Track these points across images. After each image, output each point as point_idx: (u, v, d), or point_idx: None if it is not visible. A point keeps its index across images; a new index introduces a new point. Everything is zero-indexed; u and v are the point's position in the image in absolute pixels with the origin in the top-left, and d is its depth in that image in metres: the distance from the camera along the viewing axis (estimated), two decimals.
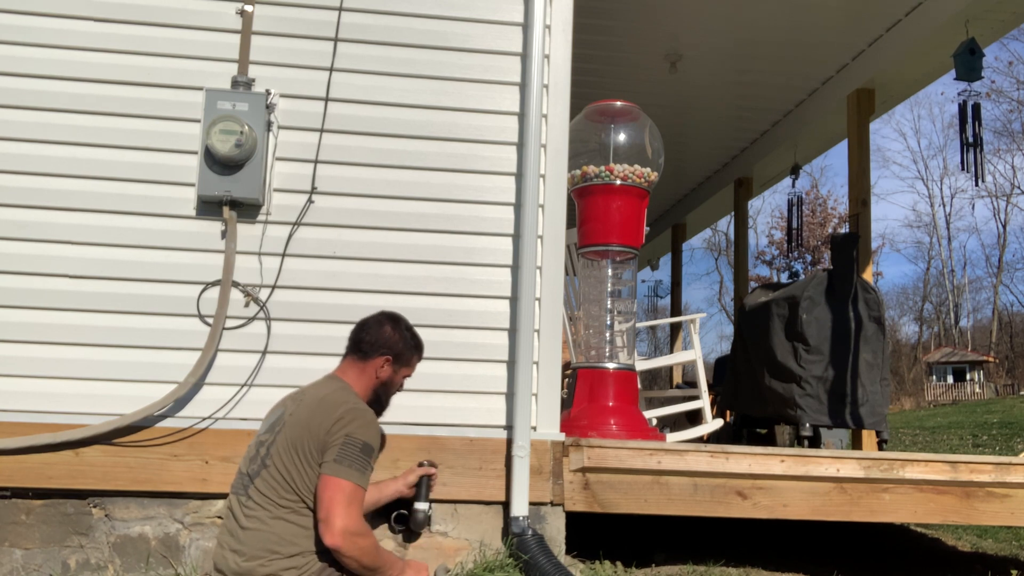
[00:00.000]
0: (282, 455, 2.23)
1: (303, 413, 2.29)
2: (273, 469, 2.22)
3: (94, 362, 3.16)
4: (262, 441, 2.33)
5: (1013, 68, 40.49)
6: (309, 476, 2.20)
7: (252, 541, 2.18)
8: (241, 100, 3.23)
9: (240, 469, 2.35)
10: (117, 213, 3.24)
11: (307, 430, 2.23)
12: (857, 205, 5.68)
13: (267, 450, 2.27)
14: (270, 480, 2.22)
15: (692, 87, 6.41)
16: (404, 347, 2.55)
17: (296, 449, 2.22)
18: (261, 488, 2.22)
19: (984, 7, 4.71)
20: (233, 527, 2.24)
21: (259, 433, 2.39)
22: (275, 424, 2.34)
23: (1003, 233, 42.69)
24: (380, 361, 2.50)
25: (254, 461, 2.29)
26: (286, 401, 2.44)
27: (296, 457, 2.21)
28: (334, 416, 2.24)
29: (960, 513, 3.51)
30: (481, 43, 3.47)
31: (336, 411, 2.26)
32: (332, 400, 2.31)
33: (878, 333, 4.69)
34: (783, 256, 29.58)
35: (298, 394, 2.44)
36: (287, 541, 2.17)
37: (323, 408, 2.27)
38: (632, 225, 4.06)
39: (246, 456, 2.36)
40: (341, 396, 2.34)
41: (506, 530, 3.18)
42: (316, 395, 2.36)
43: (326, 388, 2.40)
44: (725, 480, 3.36)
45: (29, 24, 3.28)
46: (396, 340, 2.53)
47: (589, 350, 4.12)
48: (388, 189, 3.38)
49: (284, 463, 2.22)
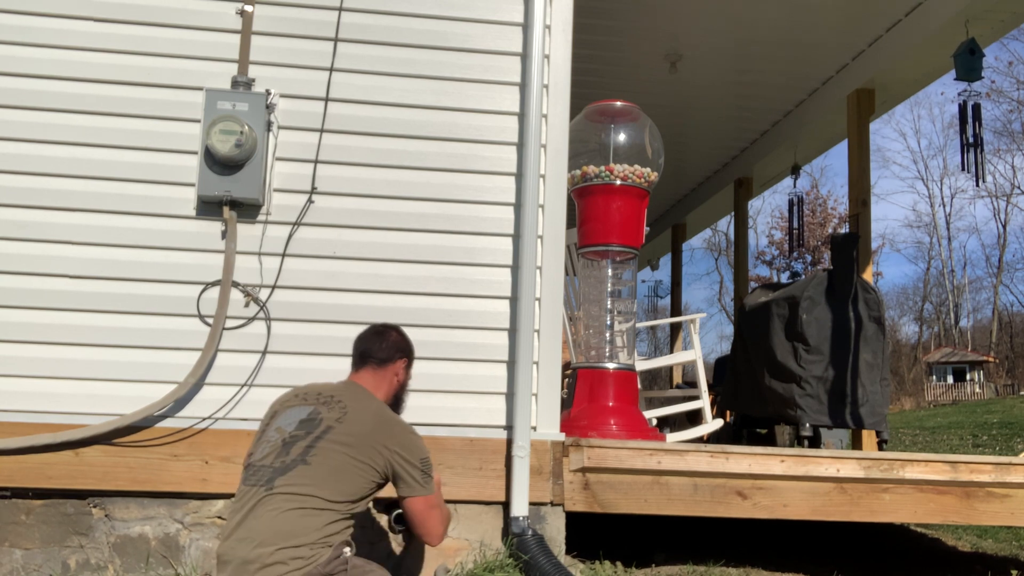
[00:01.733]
0: (334, 457, 2.28)
1: (363, 426, 2.36)
2: (319, 468, 2.26)
3: (94, 362, 3.16)
4: (296, 436, 2.33)
5: (1013, 68, 40.54)
6: (361, 482, 2.31)
7: (266, 529, 2.19)
8: (241, 100, 3.23)
9: (257, 462, 2.33)
10: (117, 213, 3.24)
11: (372, 447, 2.33)
12: (857, 205, 5.68)
13: (307, 448, 2.29)
14: (313, 476, 2.24)
15: (692, 87, 6.41)
16: (411, 350, 2.69)
17: (357, 458, 2.30)
18: (296, 481, 2.24)
19: (984, 7, 4.71)
20: (243, 517, 2.24)
21: (280, 426, 2.38)
22: (310, 423, 2.34)
23: (1003, 233, 42.71)
24: (399, 365, 2.62)
25: (283, 455, 2.29)
26: (308, 400, 2.43)
27: (354, 464, 2.30)
28: (401, 439, 2.39)
29: (960, 513, 3.51)
30: (481, 43, 3.47)
31: (399, 434, 2.41)
32: (387, 418, 2.46)
33: (878, 333, 4.69)
34: (783, 256, 29.59)
35: (324, 396, 2.43)
36: (301, 532, 2.19)
37: (385, 426, 2.41)
38: (632, 225, 4.06)
39: (263, 450, 2.34)
40: (391, 414, 2.50)
41: (506, 530, 3.18)
42: (366, 407, 2.43)
43: (369, 401, 2.47)
44: (725, 480, 3.36)
45: (29, 24, 3.28)
46: (405, 343, 2.67)
47: (589, 350, 4.12)
48: (388, 189, 3.38)
49: (337, 465, 2.27)
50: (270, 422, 2.43)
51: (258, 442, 2.40)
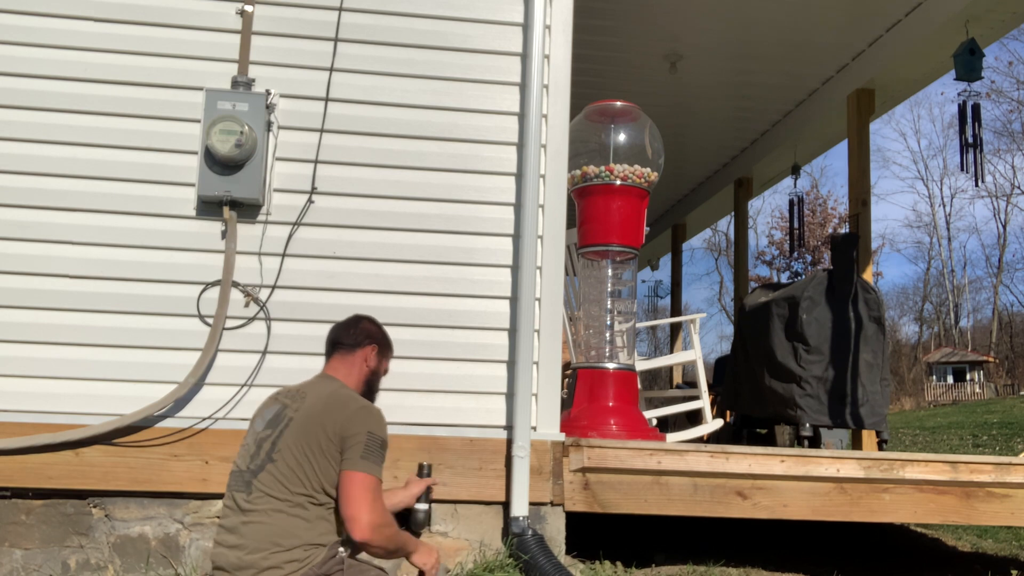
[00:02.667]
0: (292, 450, 2.26)
1: (313, 409, 2.32)
2: (282, 464, 2.25)
3: (94, 362, 3.16)
4: (264, 437, 2.33)
5: (1013, 68, 40.58)
6: (322, 470, 2.25)
7: (254, 534, 2.19)
8: (241, 100, 3.23)
9: (238, 467, 2.35)
10: (117, 213, 3.24)
11: (321, 426, 2.27)
12: (857, 205, 5.68)
13: (272, 445, 2.29)
14: (278, 474, 2.24)
15: (692, 87, 6.41)
16: (383, 338, 2.65)
17: (309, 444, 2.26)
18: (267, 482, 2.24)
19: (984, 7, 4.71)
20: (233, 523, 2.25)
21: (255, 431, 2.39)
22: (276, 420, 2.35)
23: (1003, 233, 42.63)
24: (368, 350, 2.57)
25: (256, 457, 2.30)
26: (280, 398, 2.44)
27: (310, 452, 2.25)
28: (348, 412, 2.30)
29: (960, 513, 3.51)
30: (481, 43, 3.47)
31: (349, 407, 2.33)
32: (342, 397, 2.38)
33: (878, 333, 4.69)
34: (783, 256, 29.58)
35: (293, 392, 2.44)
36: (290, 534, 2.19)
37: (336, 404, 2.33)
38: (632, 225, 4.06)
39: (244, 454, 2.36)
40: (348, 393, 2.42)
41: (506, 530, 3.18)
42: (321, 392, 2.40)
43: (329, 386, 2.43)
44: (725, 480, 3.36)
45: (29, 24, 3.28)
46: (376, 331, 2.63)
47: (589, 350, 4.12)
48: (388, 189, 3.38)
49: (296, 457, 2.25)
50: (250, 428, 2.45)
51: (241, 447, 2.42)
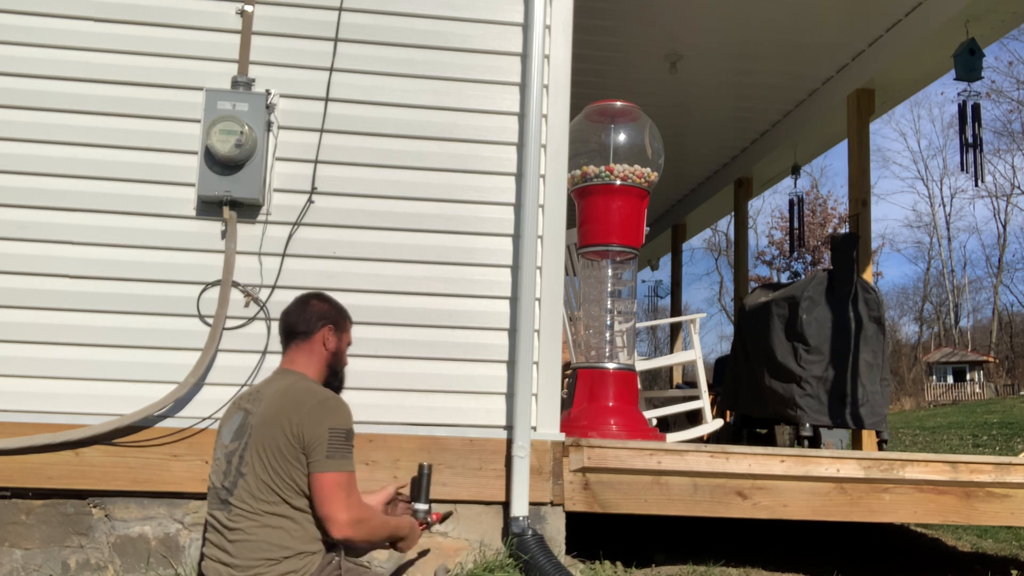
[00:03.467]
0: (257, 461, 2.16)
1: (268, 412, 2.20)
2: (251, 477, 2.16)
3: (94, 362, 3.16)
4: (231, 451, 2.23)
5: (1013, 68, 40.60)
6: (288, 474, 2.15)
7: (244, 553, 2.12)
8: (241, 100, 3.23)
9: (212, 484, 2.25)
10: (117, 213, 3.24)
11: (279, 428, 2.16)
12: (857, 205, 5.68)
13: (239, 459, 2.20)
14: (250, 488, 2.15)
15: (692, 87, 6.41)
16: (337, 314, 2.47)
17: (270, 450, 2.15)
18: (242, 498, 2.16)
19: (984, 7, 4.71)
20: (220, 541, 2.18)
21: (224, 443, 2.29)
22: (240, 431, 2.25)
23: (1003, 233, 42.68)
24: (323, 332, 2.40)
25: (228, 474, 2.21)
26: (241, 404, 2.33)
27: (272, 458, 2.15)
28: (304, 411, 2.18)
29: (960, 513, 3.51)
30: (481, 43, 3.47)
31: (305, 405, 2.20)
32: (297, 392, 2.24)
33: (878, 333, 4.69)
34: (783, 256, 29.58)
35: (252, 395, 2.33)
36: (278, 546, 2.12)
37: (289, 403, 2.20)
38: (632, 225, 4.06)
39: (216, 470, 2.27)
40: (303, 386, 2.28)
41: (506, 530, 3.18)
42: (276, 389, 2.27)
43: (283, 381, 2.30)
44: (725, 480, 3.36)
45: (29, 24, 3.28)
46: (327, 309, 2.44)
47: (589, 350, 4.12)
48: (388, 189, 3.38)
49: (262, 467, 2.15)
50: (217, 439, 2.34)
51: (213, 460, 2.32)
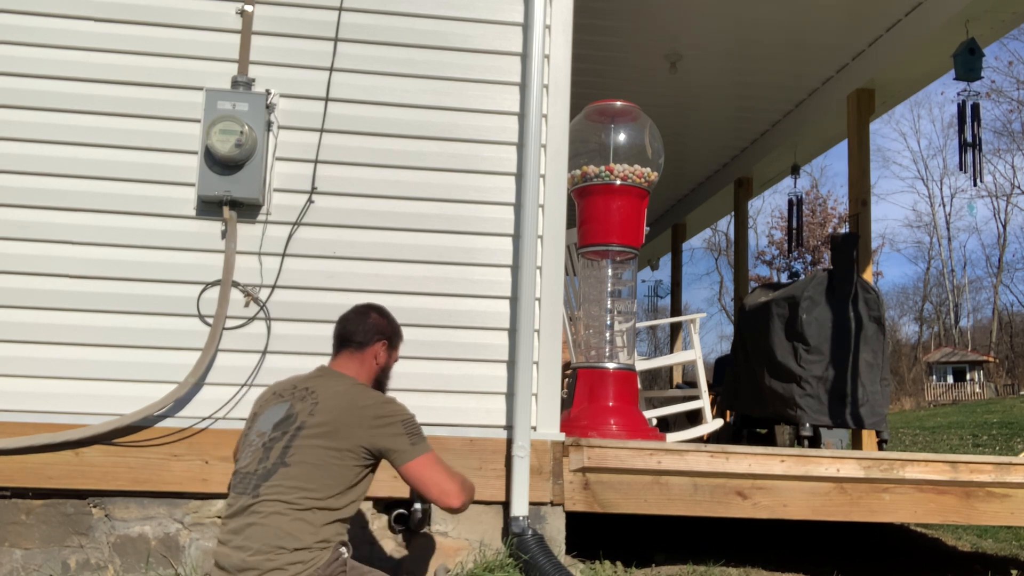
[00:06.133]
0: (311, 454, 2.23)
1: (332, 413, 2.29)
2: (296, 469, 2.21)
3: (94, 362, 3.16)
4: (274, 438, 2.29)
5: (1013, 68, 40.56)
6: (345, 470, 2.24)
7: (259, 537, 2.17)
8: (241, 100, 3.23)
9: (242, 469, 2.31)
10: (117, 213, 3.24)
11: (345, 428, 2.26)
12: (857, 205, 5.68)
13: (284, 449, 2.25)
14: (292, 479, 2.21)
15: (692, 87, 6.41)
16: (393, 332, 2.59)
17: (332, 447, 2.24)
18: (278, 486, 2.20)
19: (984, 7, 4.71)
20: (237, 525, 2.22)
21: (260, 431, 2.34)
22: (283, 422, 2.31)
23: (1003, 233, 42.81)
24: (377, 347, 2.51)
25: (265, 460, 2.26)
26: (283, 395, 2.39)
27: (332, 458, 2.23)
28: (372, 413, 2.30)
29: (960, 513, 3.51)
30: (481, 43, 3.47)
31: (367, 403, 2.32)
32: (357, 396, 2.36)
33: (878, 333, 4.69)
34: (783, 256, 29.57)
35: (299, 390, 2.39)
36: (294, 537, 2.17)
37: (355, 407, 2.32)
38: (632, 225, 4.06)
39: (247, 455, 2.32)
40: (363, 390, 2.41)
41: (506, 530, 3.18)
42: (333, 392, 2.36)
43: (338, 385, 2.39)
44: (725, 480, 3.36)
45: (29, 24, 3.28)
46: (385, 325, 2.57)
47: (589, 350, 4.12)
48: (388, 189, 3.38)
49: (316, 459, 2.22)
50: (252, 424, 2.40)
51: (242, 446, 2.38)
